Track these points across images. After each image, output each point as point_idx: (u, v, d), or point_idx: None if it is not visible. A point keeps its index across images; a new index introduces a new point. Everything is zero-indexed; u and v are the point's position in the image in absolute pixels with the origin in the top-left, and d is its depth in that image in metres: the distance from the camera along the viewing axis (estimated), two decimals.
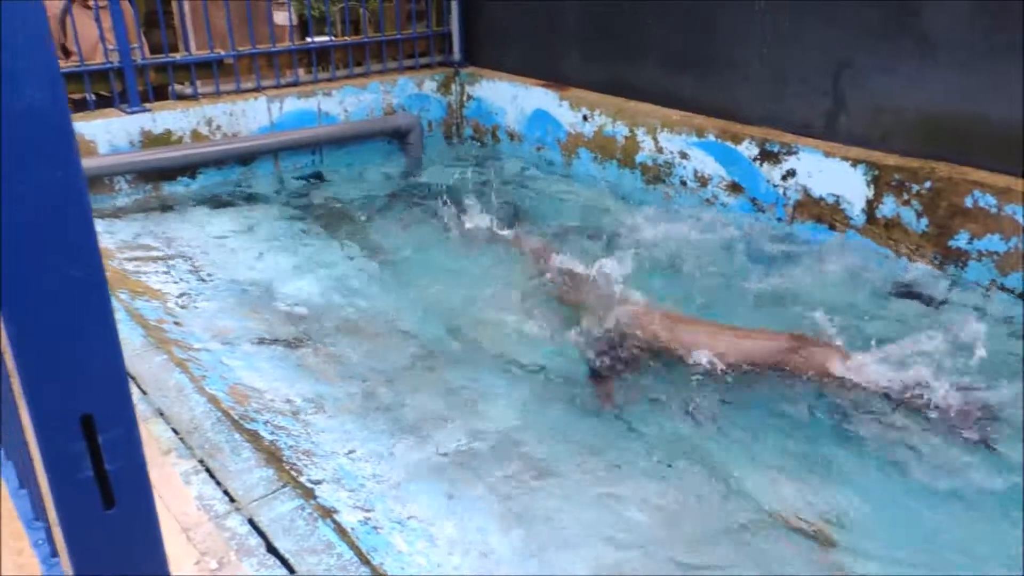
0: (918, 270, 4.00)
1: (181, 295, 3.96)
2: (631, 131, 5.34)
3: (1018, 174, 3.72)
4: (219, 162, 5.62)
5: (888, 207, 4.10)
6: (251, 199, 5.46)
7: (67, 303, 0.74)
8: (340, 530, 2.20)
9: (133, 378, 2.85)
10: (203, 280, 4.18)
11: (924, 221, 3.98)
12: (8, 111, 0.60)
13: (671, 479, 2.79)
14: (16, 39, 0.58)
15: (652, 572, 2.37)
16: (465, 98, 6.67)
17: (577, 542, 2.49)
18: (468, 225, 4.74)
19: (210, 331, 3.60)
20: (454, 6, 6.55)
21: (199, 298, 3.96)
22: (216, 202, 5.37)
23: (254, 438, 2.61)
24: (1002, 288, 3.74)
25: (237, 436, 2.55)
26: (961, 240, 3.86)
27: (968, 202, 3.80)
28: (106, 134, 5.18)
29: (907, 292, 3.98)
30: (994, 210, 3.71)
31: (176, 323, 3.59)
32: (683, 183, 5.09)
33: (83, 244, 0.72)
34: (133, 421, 0.88)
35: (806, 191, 4.45)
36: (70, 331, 0.76)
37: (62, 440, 0.83)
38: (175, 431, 2.58)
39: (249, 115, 5.71)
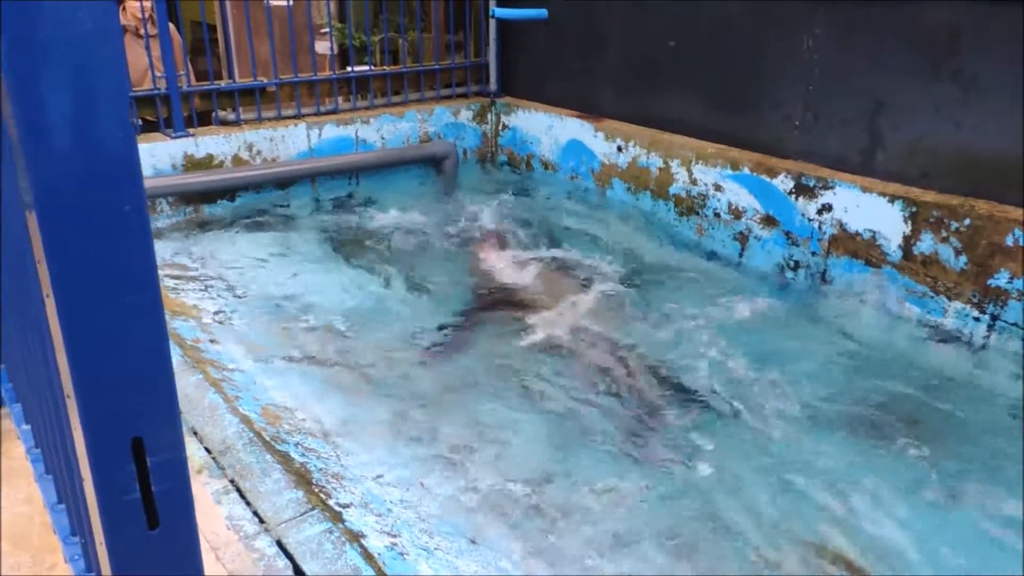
0: (955, 309, 3.95)
1: (217, 313, 4.03)
2: (665, 162, 5.35)
3: None
4: (258, 186, 5.73)
5: (926, 244, 4.05)
6: (288, 222, 5.56)
7: (126, 329, 0.77)
8: (367, 555, 2.20)
9: None
10: (239, 301, 4.25)
11: (963, 259, 3.93)
12: (82, 149, 0.64)
13: (690, 507, 2.78)
14: (97, 79, 0.62)
15: None
16: (500, 127, 6.75)
17: None
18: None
19: (244, 351, 3.65)
20: (491, 38, 6.65)
21: (235, 317, 4.03)
22: (254, 224, 5.47)
23: (285, 459, 2.64)
24: None
25: (268, 457, 2.58)
26: (1001, 279, 3.80)
27: (1009, 241, 3.75)
28: (150, 157, 5.32)
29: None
30: None
31: (212, 341, 3.66)
32: (716, 215, 5.08)
33: (144, 273, 0.75)
34: (181, 445, 0.91)
35: (842, 226, 4.42)
36: (127, 357, 0.79)
37: (113, 462, 0.85)
38: (208, 450, 2.62)
39: (288, 141, 5.83)
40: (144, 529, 0.95)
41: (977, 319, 3.90)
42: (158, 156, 5.35)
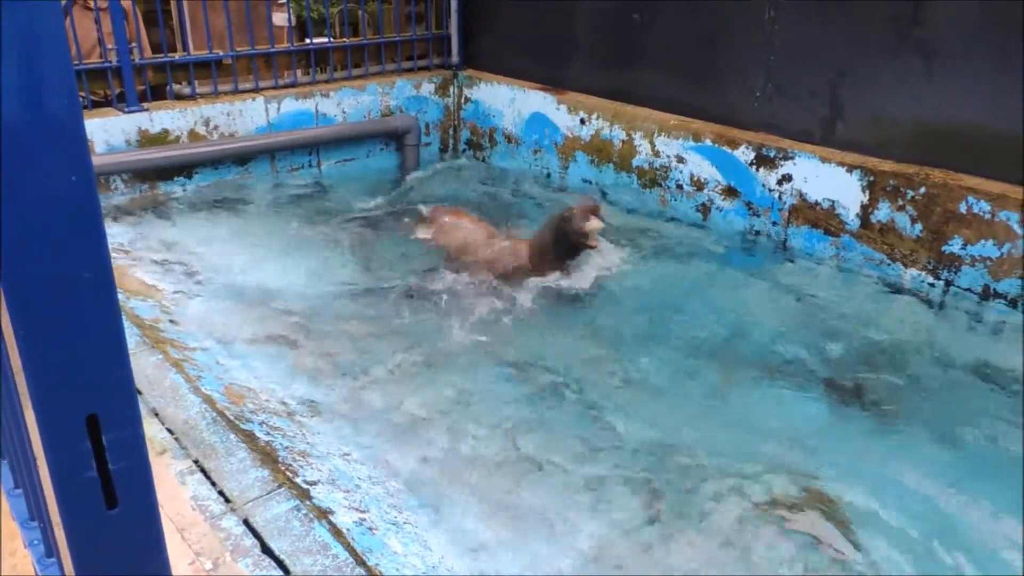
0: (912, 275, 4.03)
1: (176, 294, 3.96)
2: (628, 135, 5.36)
3: (1012, 180, 3.75)
4: (216, 162, 5.62)
5: (883, 212, 4.13)
6: (247, 199, 5.46)
7: (76, 303, 0.75)
8: (336, 531, 2.20)
9: None
10: (198, 279, 4.18)
11: (918, 226, 4.01)
12: (27, 117, 0.61)
13: (655, 471, 2.83)
14: (36, 45, 0.59)
15: (639, 558, 2.40)
16: (463, 100, 6.68)
17: (568, 535, 2.51)
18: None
19: (205, 331, 3.60)
20: (453, 9, 6.56)
21: (195, 297, 3.96)
22: (212, 201, 5.37)
23: (250, 439, 2.61)
24: (995, 294, 3.77)
25: (232, 437, 2.55)
26: (955, 246, 3.89)
27: (962, 208, 3.83)
28: (103, 133, 5.17)
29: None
30: (988, 216, 3.74)
31: (172, 322, 3.59)
32: (679, 187, 5.10)
33: (93, 246, 0.73)
34: (138, 421, 0.89)
35: (802, 195, 4.47)
36: (78, 331, 0.77)
37: (67, 440, 0.83)
38: (170, 431, 2.58)
39: (247, 115, 5.71)
40: (103, 509, 0.93)
41: (932, 285, 3.99)
42: (111, 132, 5.20)
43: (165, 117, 5.39)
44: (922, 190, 3.96)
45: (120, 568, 1.01)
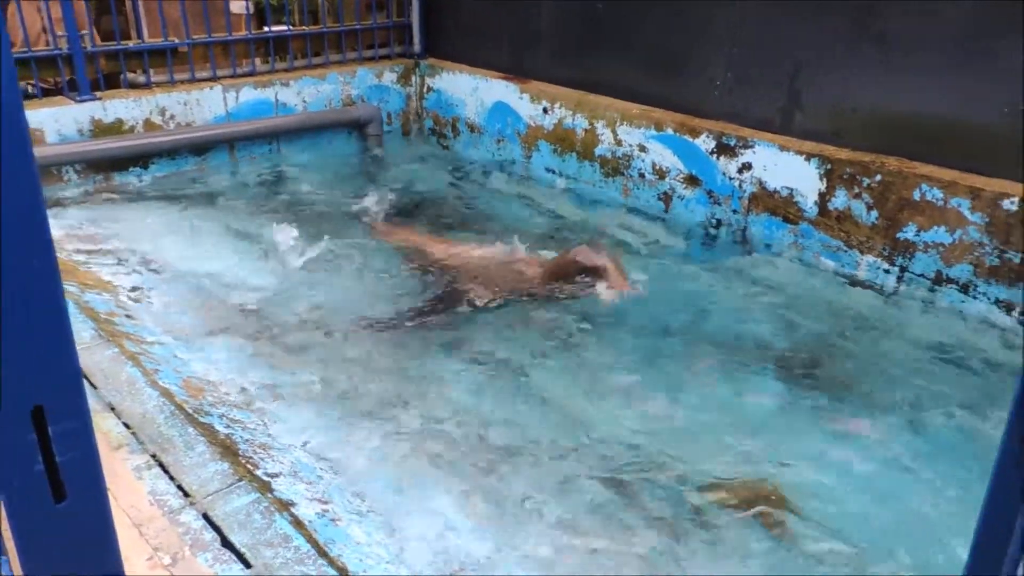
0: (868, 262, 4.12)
1: (133, 288, 3.88)
2: (591, 124, 5.37)
3: (964, 168, 3.84)
4: (172, 152, 5.51)
5: (840, 200, 4.20)
6: (205, 190, 5.37)
7: (19, 292, 0.73)
8: (297, 523, 2.18)
9: (83, 372, 2.79)
10: (155, 272, 4.10)
11: (874, 214, 4.08)
12: None
13: (622, 450, 2.86)
14: None
15: (608, 540, 2.42)
16: (425, 90, 6.64)
17: (534, 518, 2.52)
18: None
19: (163, 324, 3.53)
20: None
21: (151, 291, 3.88)
22: (169, 193, 5.27)
23: (209, 432, 2.58)
24: (947, 279, 3.86)
25: (191, 430, 2.51)
26: (909, 232, 3.97)
27: (916, 195, 3.91)
28: (54, 123, 5.04)
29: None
30: (940, 203, 3.82)
31: (128, 316, 3.52)
32: (641, 176, 5.13)
33: (36, 234, 0.70)
34: (86, 412, 0.86)
35: (761, 184, 4.53)
36: (22, 321, 0.75)
37: (12, 432, 0.81)
38: (127, 426, 2.53)
39: (204, 105, 5.61)
40: (50, 503, 0.91)
41: (887, 271, 4.07)
42: (63, 121, 5.07)
43: (119, 106, 5.26)
44: (878, 178, 4.04)
45: (70, 564, 0.98)
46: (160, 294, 3.86)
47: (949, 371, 3.45)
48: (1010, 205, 3.60)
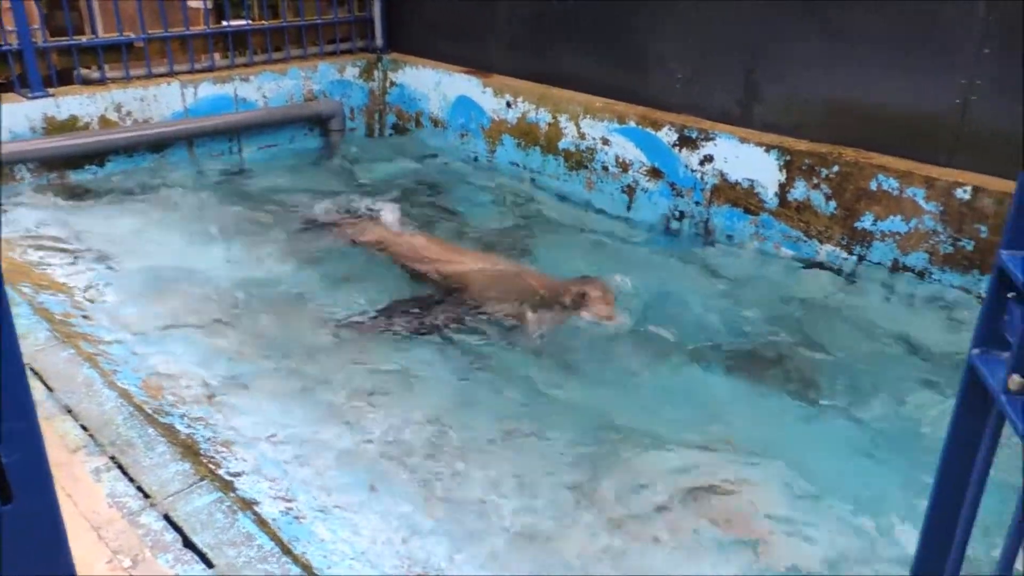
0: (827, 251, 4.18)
1: (88, 288, 3.80)
2: (554, 117, 5.38)
3: (918, 158, 3.92)
4: (129, 149, 5.40)
5: (799, 191, 4.26)
6: (163, 188, 5.27)
7: None
8: (260, 521, 2.16)
9: (38, 374, 2.73)
10: (112, 271, 4.02)
11: (832, 204, 4.15)
12: None
13: (585, 447, 2.88)
14: None
15: (570, 537, 2.44)
16: (388, 84, 6.59)
17: (497, 517, 2.53)
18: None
19: (120, 324, 3.47)
20: None
21: (108, 290, 3.81)
22: (126, 191, 5.17)
23: (169, 432, 2.54)
24: (904, 267, 3.94)
25: (151, 430, 2.48)
26: (867, 222, 4.04)
27: (873, 185, 3.98)
28: (5, 120, 4.91)
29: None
30: (896, 192, 3.90)
31: (84, 316, 3.45)
32: (605, 168, 5.16)
33: None
34: (31, 411, 0.85)
35: (723, 176, 4.57)
36: None
37: None
38: (84, 428, 2.48)
39: (161, 101, 5.51)
40: None
41: (845, 260, 4.14)
42: (14, 118, 4.95)
43: (73, 103, 5.15)
44: (835, 168, 4.10)
45: (19, 567, 0.96)
46: (117, 294, 3.78)
47: (903, 357, 3.52)
48: (963, 194, 3.68)
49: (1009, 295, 1.08)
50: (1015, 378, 1.00)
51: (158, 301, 3.76)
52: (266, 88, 5.95)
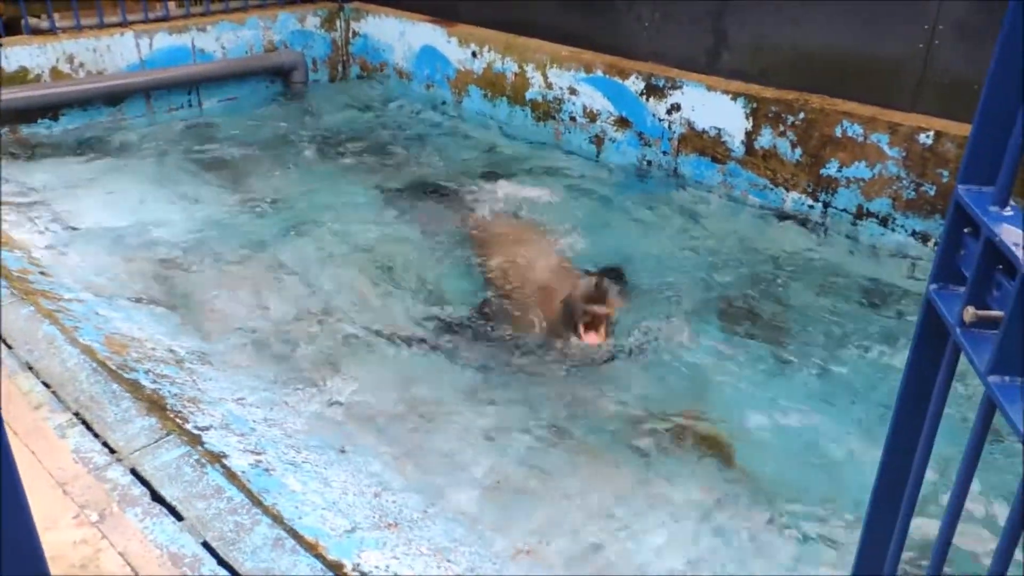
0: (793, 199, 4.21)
1: (46, 243, 3.71)
2: (520, 67, 5.30)
3: (883, 104, 3.93)
4: (84, 102, 5.23)
5: (766, 138, 4.26)
6: (121, 141, 5.13)
7: None
8: (230, 474, 2.15)
9: None
10: (71, 228, 3.92)
11: (798, 151, 4.16)
12: None
13: (551, 399, 2.90)
14: None
15: (539, 489, 2.47)
16: (351, 35, 6.43)
17: (467, 473, 2.55)
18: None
19: (81, 281, 3.39)
20: None
21: (67, 246, 3.72)
22: (82, 145, 5.02)
23: (134, 388, 2.50)
24: (868, 213, 3.98)
25: (115, 386, 2.44)
26: (832, 168, 4.07)
27: (838, 132, 3.99)
28: None
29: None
30: (861, 139, 3.92)
31: (43, 273, 3.37)
32: (572, 119, 5.11)
33: None
34: None
35: (690, 124, 4.56)
36: None
37: None
38: (46, 384, 2.44)
39: (115, 52, 5.32)
40: None
41: (811, 207, 4.17)
42: None
43: (22, 54, 4.96)
44: (801, 116, 4.10)
45: None
46: (76, 250, 3.70)
47: (865, 304, 3.58)
48: (926, 139, 3.71)
49: (965, 230, 1.10)
50: (970, 310, 1.01)
51: (119, 259, 3.68)
52: (224, 39, 5.78)
